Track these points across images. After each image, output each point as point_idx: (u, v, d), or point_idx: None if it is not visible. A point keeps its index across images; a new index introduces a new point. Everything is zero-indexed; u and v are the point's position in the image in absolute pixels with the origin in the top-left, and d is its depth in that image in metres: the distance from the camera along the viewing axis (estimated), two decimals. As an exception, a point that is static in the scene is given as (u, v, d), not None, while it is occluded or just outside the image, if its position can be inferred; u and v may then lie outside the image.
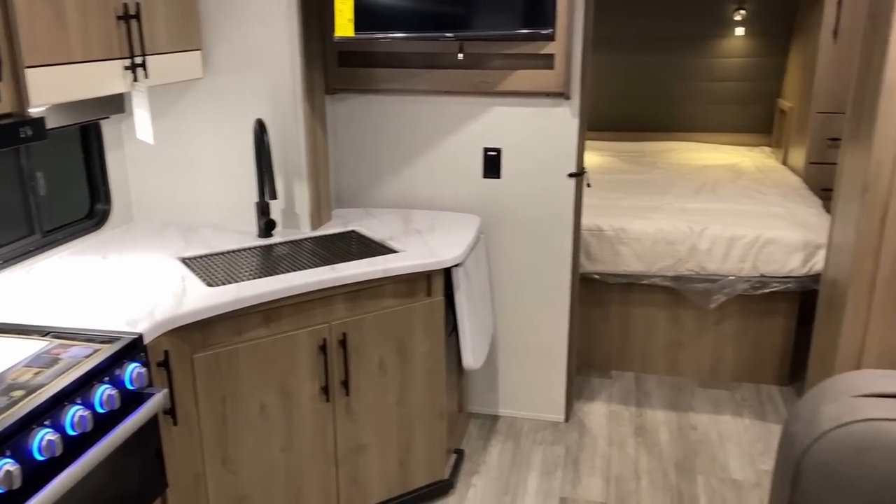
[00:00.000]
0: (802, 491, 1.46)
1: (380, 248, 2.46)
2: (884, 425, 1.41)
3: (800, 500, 1.47)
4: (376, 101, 2.90)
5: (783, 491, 1.54)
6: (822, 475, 1.43)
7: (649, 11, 5.12)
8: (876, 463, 1.39)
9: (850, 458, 1.41)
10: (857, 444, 1.41)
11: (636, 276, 3.43)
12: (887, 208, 2.40)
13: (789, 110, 4.75)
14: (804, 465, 1.45)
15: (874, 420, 1.42)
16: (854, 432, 1.42)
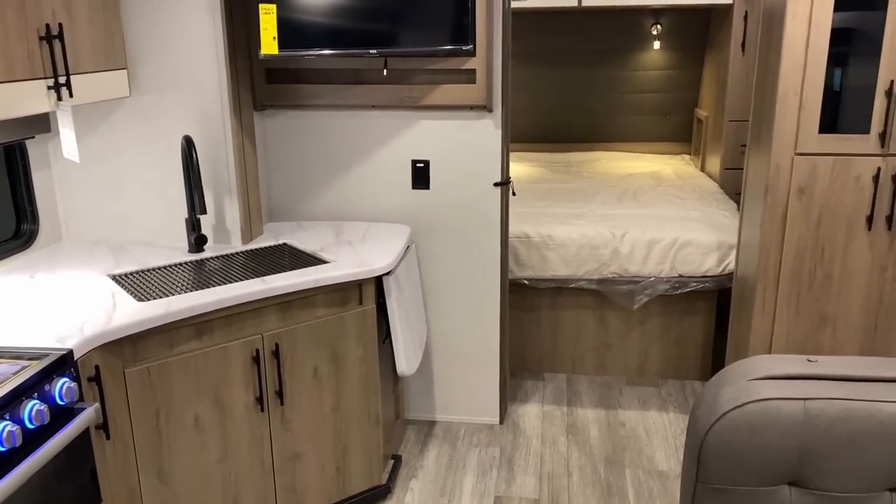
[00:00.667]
0: (706, 469, 1.58)
1: (311, 259, 2.51)
2: (775, 404, 1.54)
3: (704, 478, 1.59)
4: (305, 116, 2.96)
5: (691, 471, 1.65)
6: (723, 453, 1.55)
7: (573, 27, 5.32)
8: (769, 439, 1.52)
9: (746, 436, 1.53)
10: (752, 423, 1.54)
11: (563, 280, 3.56)
12: (787, 208, 2.58)
13: (705, 119, 5.00)
14: (706, 444, 1.57)
15: (767, 400, 1.55)
16: (749, 412, 1.54)
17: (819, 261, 2.60)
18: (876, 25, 2.40)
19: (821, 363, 1.65)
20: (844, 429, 1.50)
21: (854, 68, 2.59)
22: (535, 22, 5.36)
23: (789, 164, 2.54)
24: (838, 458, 1.51)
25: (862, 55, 2.49)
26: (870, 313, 2.63)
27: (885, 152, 2.47)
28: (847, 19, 2.51)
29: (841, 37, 2.53)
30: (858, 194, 2.53)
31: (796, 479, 1.53)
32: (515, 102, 5.55)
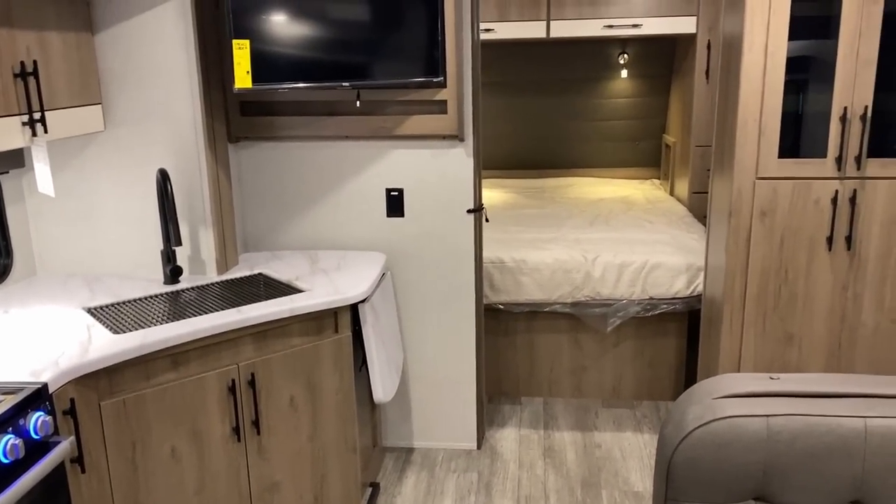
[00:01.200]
0: (674, 486, 1.62)
1: (286, 288, 2.54)
2: (740, 421, 1.59)
3: (673, 495, 1.63)
4: (279, 147, 3.00)
5: (660, 488, 1.69)
6: (690, 470, 1.60)
7: (543, 57, 5.44)
8: (734, 456, 1.57)
9: (712, 453, 1.58)
10: (718, 440, 1.58)
11: (538, 304, 3.61)
12: (750, 230, 2.66)
13: (673, 145, 5.12)
14: (674, 462, 1.61)
15: (732, 417, 1.60)
16: (714, 429, 1.59)
17: (783, 281, 2.68)
18: (831, 53, 2.51)
19: (783, 381, 1.70)
20: (806, 444, 1.56)
21: (812, 94, 2.70)
22: (507, 52, 5.47)
23: (751, 188, 2.62)
24: (801, 473, 1.56)
25: (819, 81, 2.59)
26: (833, 331, 2.70)
27: (842, 175, 2.56)
28: (803, 47, 2.62)
29: (798, 64, 2.63)
30: (818, 216, 2.61)
31: (762, 493, 1.58)
32: (489, 130, 5.64)
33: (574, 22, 4.49)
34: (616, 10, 4.44)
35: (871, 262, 2.62)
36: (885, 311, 2.66)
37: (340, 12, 2.65)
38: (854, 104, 2.50)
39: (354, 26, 2.67)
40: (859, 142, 2.52)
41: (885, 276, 2.63)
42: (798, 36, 2.54)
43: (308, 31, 2.58)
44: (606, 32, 4.48)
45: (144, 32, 2.46)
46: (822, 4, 2.52)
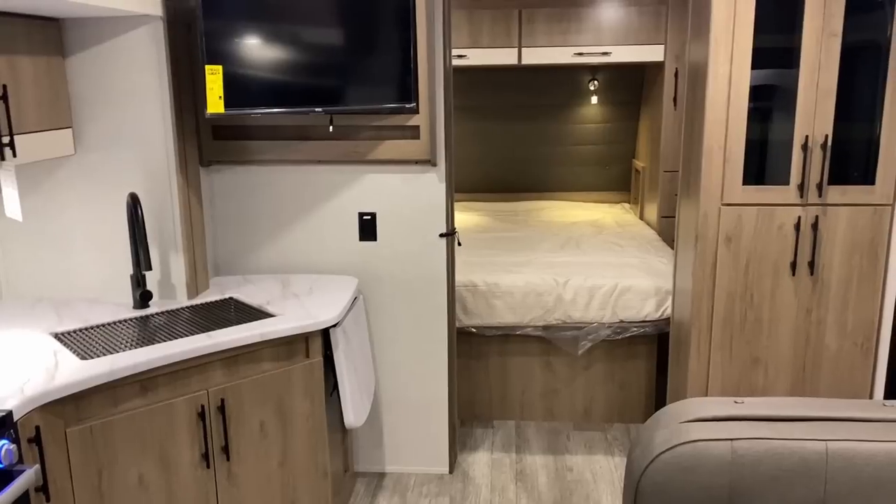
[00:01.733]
0: (642, 510, 1.64)
1: (257, 313, 2.53)
2: (705, 445, 1.62)
3: (641, 518, 1.65)
4: (252, 171, 3.01)
5: (629, 512, 1.71)
6: (657, 494, 1.62)
7: (515, 83, 5.52)
8: (700, 479, 1.59)
9: (679, 477, 1.60)
10: (684, 464, 1.61)
11: (510, 327, 3.63)
12: (716, 255, 2.71)
13: (642, 170, 5.20)
14: (641, 485, 1.63)
15: (697, 441, 1.63)
16: (680, 453, 1.62)
17: (749, 305, 2.73)
18: (793, 82, 2.58)
19: (747, 404, 1.74)
20: (770, 467, 1.59)
21: (775, 123, 2.77)
22: (480, 78, 5.53)
23: (717, 213, 2.68)
24: (765, 495, 1.59)
25: (782, 110, 2.67)
26: (798, 354, 2.76)
27: (805, 202, 2.63)
28: (767, 76, 2.70)
29: (762, 93, 2.71)
30: (782, 242, 2.67)
31: (727, 517, 1.60)
32: (463, 154, 5.69)
33: (545, 49, 4.57)
34: (586, 38, 4.52)
35: (834, 287, 2.69)
36: (847, 334, 2.72)
37: (314, 38, 2.68)
38: (815, 133, 2.57)
39: (327, 52, 2.70)
40: (820, 169, 2.59)
41: (846, 300, 2.69)
42: (761, 65, 2.62)
43: (281, 57, 2.60)
44: (577, 60, 4.56)
45: (116, 57, 2.47)
46: (783, 37, 2.60)
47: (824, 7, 2.49)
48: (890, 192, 2.60)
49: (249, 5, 2.51)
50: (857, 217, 2.63)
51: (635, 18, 4.49)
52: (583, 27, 4.52)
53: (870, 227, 2.63)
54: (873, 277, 2.66)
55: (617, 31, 4.52)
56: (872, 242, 2.64)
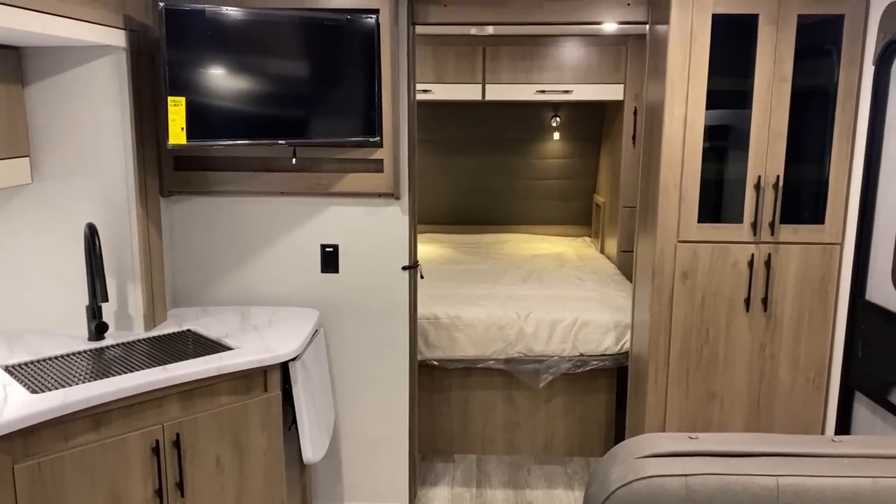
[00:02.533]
0: (599, 546, 1.65)
1: (215, 345, 2.50)
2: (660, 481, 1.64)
3: (598, 554, 1.66)
4: (213, 202, 2.99)
5: (586, 548, 1.72)
6: (613, 530, 1.63)
7: (479, 118, 5.59)
8: (655, 514, 1.61)
9: (635, 512, 1.62)
10: (639, 500, 1.62)
11: (472, 360, 3.64)
12: (672, 291, 2.76)
13: (603, 205, 5.29)
14: (598, 522, 1.64)
15: (652, 477, 1.65)
16: (636, 489, 1.63)
17: (705, 341, 2.78)
18: (747, 123, 2.66)
19: (702, 440, 1.76)
20: (722, 502, 1.61)
21: (730, 162, 2.85)
22: (444, 112, 5.59)
23: (673, 250, 2.73)
24: (719, 531, 1.61)
25: (736, 149, 2.75)
26: (752, 389, 2.81)
27: (758, 240, 2.70)
28: (722, 117, 2.78)
29: (717, 133, 2.79)
30: (736, 278, 2.74)
31: (681, 552, 1.62)
32: (427, 186, 5.72)
33: (508, 86, 4.65)
34: (548, 75, 4.62)
35: (787, 323, 2.75)
36: (800, 369, 2.78)
37: (278, 70, 2.69)
38: (767, 173, 2.65)
39: (292, 85, 2.72)
40: (772, 209, 2.67)
41: (798, 336, 2.76)
42: (716, 106, 2.70)
43: (245, 88, 2.61)
44: (539, 97, 4.65)
45: (77, 87, 2.45)
46: (736, 80, 2.68)
47: (775, 53, 2.58)
48: (838, 231, 2.68)
49: (214, 37, 2.52)
50: (808, 255, 2.71)
51: (596, 58, 4.60)
52: (545, 65, 4.62)
53: (820, 265, 2.71)
54: (824, 314, 2.73)
55: (578, 70, 4.62)
56: (823, 280, 2.72)
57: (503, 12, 2.92)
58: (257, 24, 2.59)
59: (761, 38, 2.58)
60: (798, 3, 2.55)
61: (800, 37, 2.57)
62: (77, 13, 2.15)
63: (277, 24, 2.64)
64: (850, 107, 2.61)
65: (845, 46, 2.58)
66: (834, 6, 2.55)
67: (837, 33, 2.58)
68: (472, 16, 2.96)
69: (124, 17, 2.43)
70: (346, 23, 2.72)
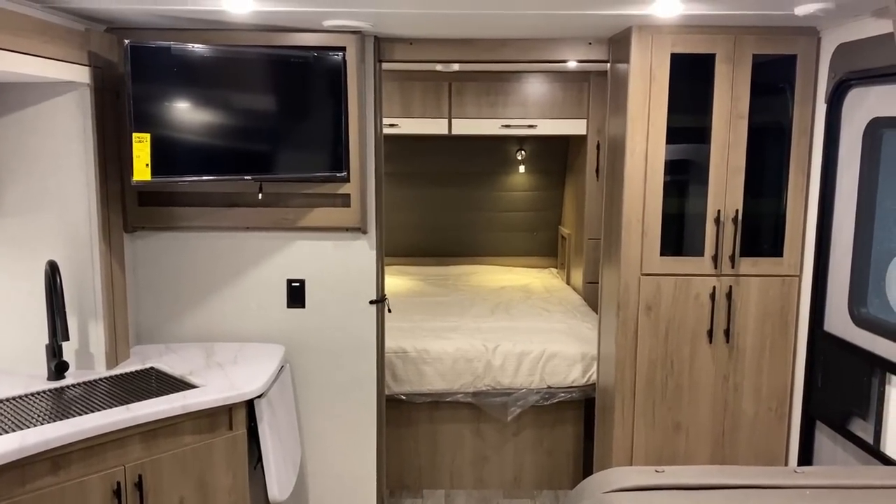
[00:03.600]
0: (568, 583, 1.64)
1: (179, 384, 2.46)
2: (627, 515, 1.65)
3: (567, 591, 1.65)
4: (178, 237, 2.96)
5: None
6: (582, 566, 1.63)
7: (445, 151, 5.63)
8: (622, 549, 1.61)
9: (602, 548, 1.62)
10: (607, 534, 1.63)
11: (440, 394, 3.63)
12: (637, 323, 2.80)
13: (568, 236, 5.35)
14: (567, 558, 1.64)
15: (620, 511, 1.65)
16: (604, 524, 1.64)
17: (669, 372, 2.81)
18: (707, 158, 2.73)
19: (668, 473, 1.78)
20: (688, 536, 1.62)
21: (691, 197, 2.91)
22: (411, 145, 5.62)
23: (636, 283, 2.77)
24: (685, 565, 1.62)
25: (697, 184, 2.81)
26: (717, 420, 2.84)
27: (719, 273, 2.75)
28: (682, 151, 2.85)
29: (678, 167, 2.85)
30: (699, 310, 2.78)
31: (648, 587, 1.62)
32: (394, 219, 5.73)
33: (474, 120, 4.71)
34: (513, 111, 4.69)
35: (749, 354, 2.80)
36: (762, 399, 2.82)
37: (244, 106, 2.70)
38: (727, 207, 2.71)
39: (258, 121, 2.72)
40: (732, 242, 2.72)
41: (760, 366, 2.81)
42: (676, 141, 2.76)
43: (211, 124, 2.61)
44: (504, 131, 4.72)
45: (40, 123, 2.43)
46: (695, 116, 2.76)
47: (731, 90, 2.66)
48: (797, 263, 2.75)
49: (180, 74, 2.52)
50: (768, 287, 2.77)
51: (559, 94, 4.69)
52: (510, 101, 4.69)
53: (780, 297, 2.77)
54: (784, 345, 2.79)
55: (542, 105, 4.70)
56: (782, 311, 2.78)
57: (468, 51, 2.98)
58: (224, 61, 2.60)
59: (718, 76, 2.66)
60: (752, 43, 2.64)
61: (755, 75, 2.65)
62: (40, 50, 2.14)
63: (244, 62, 2.66)
64: (805, 143, 2.69)
65: (798, 85, 2.67)
66: (786, 46, 2.64)
67: (791, 72, 2.67)
68: (437, 54, 3.01)
69: (89, 54, 2.42)
70: (314, 60, 2.74)
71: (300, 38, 2.75)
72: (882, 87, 2.32)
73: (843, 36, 2.47)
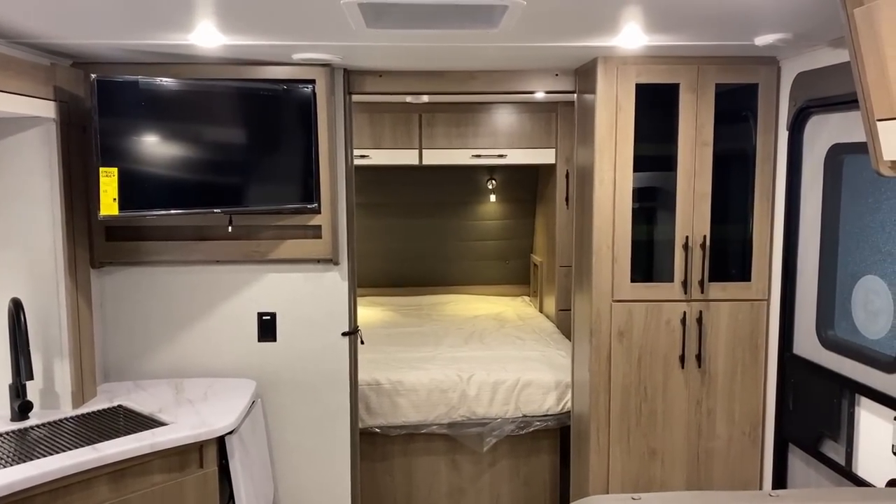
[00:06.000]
0: None
1: (148, 421, 2.41)
2: (605, 544, 1.64)
3: None
4: (146, 272, 2.92)
5: None
6: None
7: (417, 181, 5.64)
8: (601, 579, 1.60)
9: (581, 578, 1.61)
10: (586, 565, 1.62)
11: (415, 426, 3.59)
12: (610, 349, 2.81)
13: (540, 264, 5.38)
14: (545, 590, 1.62)
15: (597, 541, 1.65)
16: (582, 554, 1.63)
17: (643, 398, 2.82)
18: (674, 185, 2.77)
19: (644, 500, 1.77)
20: (666, 564, 1.62)
21: (660, 223, 2.95)
22: (382, 176, 5.64)
23: (608, 309, 2.79)
24: None
25: (666, 210, 2.84)
26: (691, 445, 2.85)
27: (689, 298, 2.78)
28: (650, 179, 2.89)
29: (647, 194, 2.89)
30: (670, 336, 2.80)
31: None
32: (366, 249, 5.71)
33: (445, 151, 4.74)
34: (483, 141, 4.74)
35: (720, 378, 2.82)
36: (735, 423, 2.84)
37: (214, 139, 2.69)
38: (694, 233, 2.75)
39: (228, 153, 2.71)
40: (701, 267, 2.76)
41: (732, 390, 2.83)
42: (644, 169, 2.80)
43: (180, 157, 2.59)
44: (475, 161, 4.76)
45: (4, 158, 2.40)
46: (662, 145, 2.80)
47: (696, 119, 2.71)
48: (764, 287, 2.79)
49: (148, 108, 2.51)
50: (738, 312, 2.80)
51: (528, 124, 4.75)
52: (480, 131, 4.74)
53: (749, 321, 2.80)
54: (755, 368, 2.81)
55: (511, 135, 4.75)
56: (752, 335, 2.81)
57: (438, 83, 3.00)
58: (193, 94, 2.59)
59: (682, 105, 2.71)
60: (715, 73, 2.70)
61: (719, 103, 2.71)
62: (4, 85, 2.12)
63: (214, 95, 2.65)
64: (769, 169, 2.75)
65: (761, 112, 2.73)
66: (748, 75, 2.71)
67: (753, 100, 2.73)
68: (407, 86, 3.03)
69: (54, 89, 2.40)
70: (283, 93, 2.75)
71: (270, 71, 2.76)
72: (840, 114, 2.38)
73: (803, 65, 2.54)
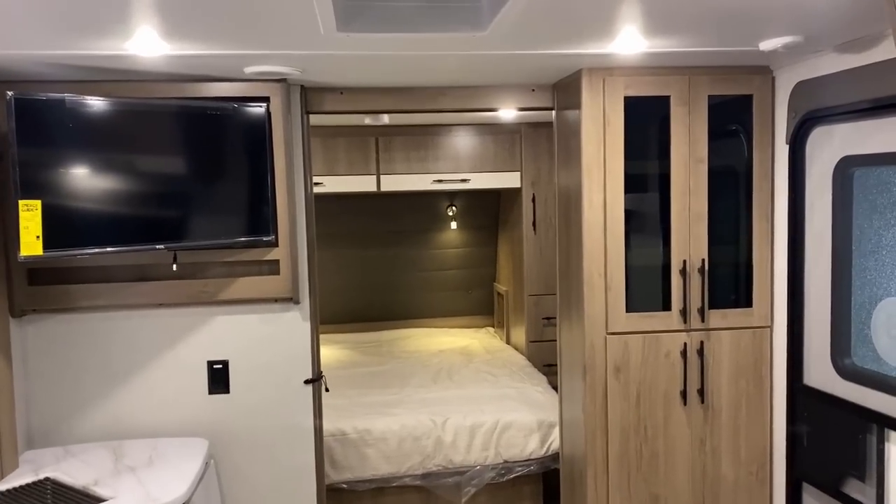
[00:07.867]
0: None
1: (82, 497, 2.05)
2: None
3: None
4: (77, 319, 2.56)
5: None
6: None
7: (374, 209, 5.35)
8: None
9: None
10: None
11: (385, 479, 3.28)
12: (606, 387, 2.56)
13: (505, 293, 5.13)
14: None
15: None
16: None
17: (644, 439, 2.57)
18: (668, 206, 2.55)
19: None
20: None
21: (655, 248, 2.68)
22: (338, 204, 5.31)
23: (603, 343, 2.54)
24: None
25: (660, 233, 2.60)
26: (696, 488, 2.61)
27: (688, 327, 2.56)
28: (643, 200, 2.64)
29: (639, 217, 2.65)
30: (670, 370, 2.57)
31: None
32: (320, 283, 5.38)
33: (404, 176, 4.48)
34: (444, 165, 4.49)
35: (724, 414, 2.60)
36: (742, 463, 2.62)
37: (155, 167, 2.39)
38: (692, 257, 2.54)
39: (171, 183, 2.41)
40: (700, 294, 2.54)
41: (737, 427, 2.60)
42: (636, 189, 2.57)
43: (116, 189, 2.26)
44: (436, 186, 4.50)
45: None
46: (653, 162, 2.60)
47: (689, 134, 2.51)
48: (767, 313, 2.59)
49: (77, 131, 2.18)
50: (740, 340, 2.59)
51: (491, 146, 4.52)
52: (440, 154, 4.49)
53: (752, 350, 2.59)
54: (760, 401, 2.60)
55: (474, 158, 4.52)
56: (756, 365, 2.60)
57: (405, 100, 2.75)
58: (130, 115, 2.29)
59: (674, 119, 2.51)
60: (706, 84, 2.51)
61: (712, 117, 2.52)
62: None
63: (154, 116, 2.35)
64: (767, 186, 2.56)
65: (756, 126, 2.55)
66: (741, 86, 2.53)
67: (747, 113, 2.55)
68: (370, 104, 2.77)
69: (-38, 109, 2.05)
70: (233, 112, 2.45)
71: (219, 89, 2.46)
72: (849, 125, 2.21)
73: (800, 74, 2.37)
